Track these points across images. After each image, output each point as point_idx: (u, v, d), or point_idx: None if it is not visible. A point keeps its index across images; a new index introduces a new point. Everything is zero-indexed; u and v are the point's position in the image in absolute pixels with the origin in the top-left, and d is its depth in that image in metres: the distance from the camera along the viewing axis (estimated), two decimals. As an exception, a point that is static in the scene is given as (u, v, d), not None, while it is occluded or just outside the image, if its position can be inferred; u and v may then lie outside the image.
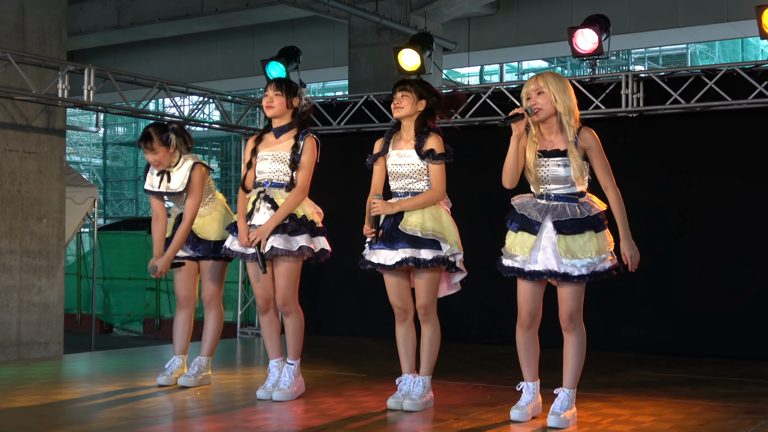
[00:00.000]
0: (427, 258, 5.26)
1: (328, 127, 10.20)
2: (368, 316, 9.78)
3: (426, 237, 5.27)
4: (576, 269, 4.84)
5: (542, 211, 4.95)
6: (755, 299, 8.28)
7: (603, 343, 8.69)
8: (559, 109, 4.92)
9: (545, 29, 15.11)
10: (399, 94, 5.44)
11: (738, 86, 8.28)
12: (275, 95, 5.77)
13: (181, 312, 6.40)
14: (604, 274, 4.91)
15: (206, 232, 6.26)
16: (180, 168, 6.16)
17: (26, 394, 6.03)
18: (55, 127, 9.41)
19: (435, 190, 5.36)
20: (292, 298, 5.73)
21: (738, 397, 6.18)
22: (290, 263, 5.67)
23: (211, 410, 5.67)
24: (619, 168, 8.86)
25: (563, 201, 4.94)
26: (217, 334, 6.38)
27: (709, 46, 23.04)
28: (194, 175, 6.10)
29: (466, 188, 7.92)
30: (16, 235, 9.00)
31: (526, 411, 5.06)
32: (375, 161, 5.56)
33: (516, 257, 4.97)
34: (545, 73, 5.02)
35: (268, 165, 5.74)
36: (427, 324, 5.44)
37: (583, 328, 5.02)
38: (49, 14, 9.37)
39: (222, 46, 17.99)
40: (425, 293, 5.38)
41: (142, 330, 17.71)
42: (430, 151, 5.34)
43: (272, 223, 5.59)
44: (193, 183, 6.09)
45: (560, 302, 4.96)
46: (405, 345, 5.52)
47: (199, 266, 6.36)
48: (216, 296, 6.34)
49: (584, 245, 4.88)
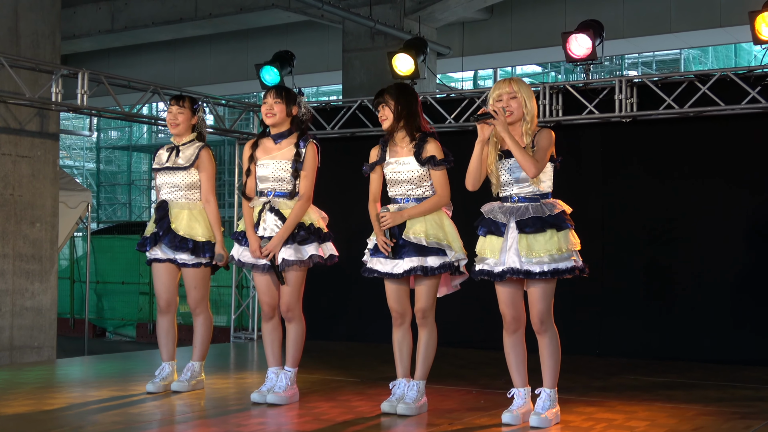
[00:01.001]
0: (434, 266, 5.32)
1: (322, 131, 10.20)
2: (362, 320, 9.78)
3: (431, 245, 5.31)
4: (537, 266, 4.95)
5: (507, 213, 5.08)
6: (748, 304, 8.30)
7: (596, 348, 8.70)
8: (527, 115, 5.06)
9: (539, 34, 15.13)
10: (380, 107, 5.50)
11: (731, 91, 8.30)
12: (275, 103, 5.79)
13: (163, 317, 6.32)
14: (566, 272, 5.00)
15: (192, 230, 6.19)
16: (190, 146, 6.27)
17: (19, 399, 6.02)
18: (49, 131, 9.39)
19: (440, 195, 5.43)
20: (296, 305, 5.77)
21: (731, 402, 6.19)
22: (297, 271, 5.71)
23: (204, 414, 5.67)
24: (612, 173, 8.97)
25: (526, 202, 5.07)
26: (207, 338, 6.35)
27: (703, 52, 23.11)
28: (203, 153, 6.24)
29: (459, 192, 7.91)
30: (9, 239, 8.98)
31: (518, 415, 5.10)
32: (372, 170, 5.58)
33: (486, 260, 5.10)
34: (517, 78, 5.18)
35: (270, 172, 5.74)
36: (425, 328, 5.45)
37: (555, 328, 5.13)
38: (43, 18, 9.35)
39: (216, 51, 17.98)
40: (425, 297, 5.41)
41: (135, 334, 17.66)
42: (431, 158, 5.38)
43: (283, 235, 5.64)
44: (203, 161, 6.22)
45: (530, 305, 5.08)
46: (400, 349, 5.53)
47: (180, 271, 6.29)
48: (201, 302, 6.28)
49: (545, 243, 4.98)
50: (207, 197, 6.24)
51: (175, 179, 6.22)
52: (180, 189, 6.21)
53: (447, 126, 9.58)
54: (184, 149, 6.27)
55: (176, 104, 6.29)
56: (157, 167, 6.32)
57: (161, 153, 6.38)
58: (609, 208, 8.91)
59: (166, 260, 6.21)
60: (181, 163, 6.22)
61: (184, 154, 6.25)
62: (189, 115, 6.28)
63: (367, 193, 5.64)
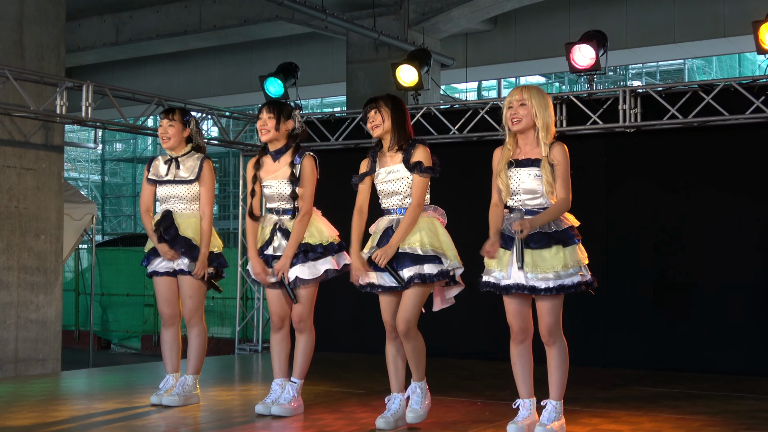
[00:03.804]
0: (432, 273, 5.24)
1: (326, 142, 10.21)
2: (366, 332, 9.75)
3: (426, 254, 5.27)
4: (543, 282, 4.91)
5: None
6: (755, 315, 8.27)
7: (602, 359, 8.68)
8: (538, 124, 5.02)
9: (543, 45, 15.14)
10: (372, 113, 5.40)
11: (735, 101, 8.30)
12: (269, 118, 5.79)
13: (167, 330, 6.32)
14: (572, 288, 4.95)
15: (187, 231, 6.16)
16: (189, 158, 6.23)
17: (23, 411, 6.01)
18: (54, 144, 9.41)
19: (415, 205, 5.29)
20: (308, 316, 5.79)
21: (737, 413, 6.16)
22: (310, 286, 5.75)
23: (209, 426, 5.65)
24: (616, 183, 8.96)
25: (534, 215, 4.96)
26: (201, 351, 6.30)
27: (706, 62, 23.11)
28: (205, 166, 6.20)
29: (464, 203, 7.91)
30: (13, 252, 8.98)
31: (523, 426, 5.06)
32: (361, 181, 5.53)
33: (493, 272, 5.05)
34: (531, 86, 5.11)
35: (274, 192, 5.77)
36: (409, 340, 5.30)
37: (564, 340, 5.09)
38: (48, 31, 9.39)
39: (220, 63, 18.01)
40: (410, 307, 5.25)
41: (140, 346, 17.65)
42: (418, 164, 5.31)
43: (290, 254, 5.66)
44: (205, 174, 6.18)
45: (539, 317, 5.03)
46: (395, 363, 5.46)
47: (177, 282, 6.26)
48: (196, 313, 6.24)
49: (551, 259, 4.93)
50: (204, 211, 6.20)
51: (179, 191, 6.20)
52: (185, 201, 6.19)
53: (451, 137, 9.58)
54: (184, 160, 6.22)
55: (166, 117, 6.23)
56: (155, 179, 6.25)
57: (158, 164, 6.29)
58: (613, 218, 8.89)
59: (164, 273, 6.20)
60: (185, 176, 6.19)
61: (184, 165, 6.21)
62: (180, 128, 6.21)
63: None
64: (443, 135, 9.62)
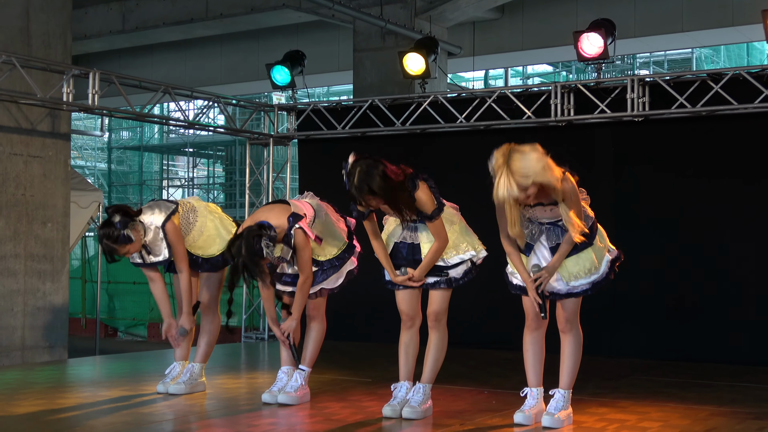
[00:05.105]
0: (457, 276, 5.36)
1: (333, 131, 10.19)
2: (373, 321, 9.75)
3: (450, 262, 5.33)
4: (578, 288, 5.05)
5: (535, 232, 5.06)
6: (762, 304, 8.25)
7: (608, 349, 8.66)
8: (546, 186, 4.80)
9: (550, 33, 15.07)
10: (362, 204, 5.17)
11: (744, 90, 8.26)
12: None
13: None
14: (602, 282, 5.10)
15: (210, 250, 6.21)
16: (152, 236, 5.96)
17: (30, 398, 6.03)
18: (60, 131, 9.40)
19: (441, 241, 5.25)
20: (321, 304, 5.91)
21: (744, 403, 6.15)
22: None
23: (215, 414, 5.66)
24: (624, 172, 8.92)
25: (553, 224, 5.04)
26: (212, 341, 6.33)
27: (715, 51, 22.99)
28: (167, 232, 5.95)
29: (472, 193, 7.89)
30: (20, 239, 8.99)
31: (530, 415, 5.08)
32: (365, 218, 5.33)
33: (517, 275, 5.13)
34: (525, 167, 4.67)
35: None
36: (437, 331, 5.40)
37: (580, 330, 5.12)
38: (54, 18, 9.36)
39: (227, 51, 17.97)
40: (440, 301, 5.39)
41: (146, 334, 17.67)
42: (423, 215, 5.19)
43: (297, 317, 5.70)
44: (170, 237, 5.95)
45: (558, 307, 5.09)
46: (407, 351, 5.47)
47: (198, 274, 6.31)
48: (213, 303, 6.29)
49: (582, 263, 5.04)
50: (179, 267, 6.04)
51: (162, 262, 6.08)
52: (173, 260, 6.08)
53: (458, 125, 9.56)
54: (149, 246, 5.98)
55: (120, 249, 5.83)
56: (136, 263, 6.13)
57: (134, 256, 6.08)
58: (620, 208, 8.86)
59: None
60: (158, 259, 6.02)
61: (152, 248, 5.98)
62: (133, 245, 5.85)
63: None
64: (450, 123, 9.60)
